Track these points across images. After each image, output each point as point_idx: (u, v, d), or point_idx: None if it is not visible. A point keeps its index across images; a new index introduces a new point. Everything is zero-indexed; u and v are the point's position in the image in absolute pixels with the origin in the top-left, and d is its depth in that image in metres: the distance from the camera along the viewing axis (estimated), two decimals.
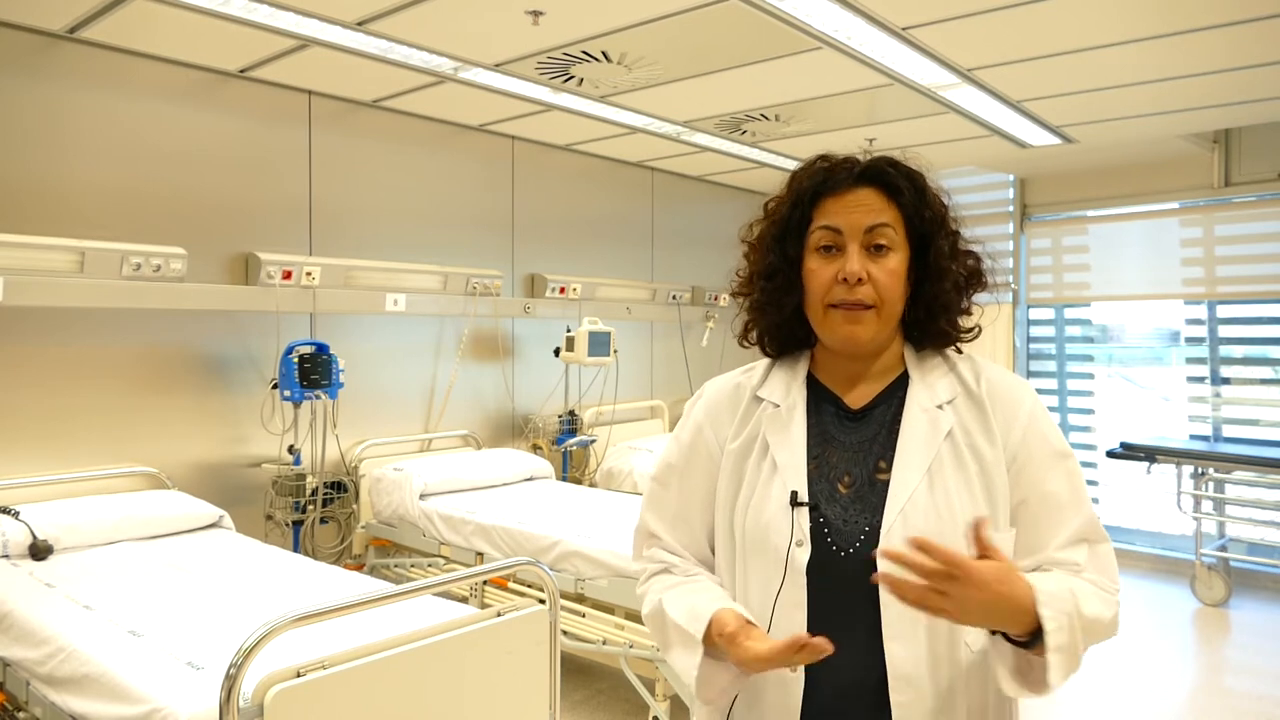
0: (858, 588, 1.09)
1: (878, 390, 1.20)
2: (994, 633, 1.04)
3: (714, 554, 1.26)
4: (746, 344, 1.30)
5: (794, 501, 1.13)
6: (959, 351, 1.23)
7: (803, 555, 1.12)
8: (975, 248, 1.23)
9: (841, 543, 1.12)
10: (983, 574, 0.95)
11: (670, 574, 1.25)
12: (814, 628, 1.10)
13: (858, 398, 1.21)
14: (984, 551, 0.97)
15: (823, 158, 1.21)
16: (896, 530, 1.09)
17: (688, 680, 1.13)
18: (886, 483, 1.13)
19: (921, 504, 1.10)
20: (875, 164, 1.18)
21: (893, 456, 1.14)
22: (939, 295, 1.18)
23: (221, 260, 3.67)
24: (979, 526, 0.98)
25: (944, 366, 1.21)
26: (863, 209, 1.15)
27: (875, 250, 1.15)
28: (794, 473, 1.16)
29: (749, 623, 1.09)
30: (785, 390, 1.23)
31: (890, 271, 1.14)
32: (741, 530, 1.18)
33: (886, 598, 1.07)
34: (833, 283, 1.14)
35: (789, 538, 1.12)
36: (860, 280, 1.13)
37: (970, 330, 1.23)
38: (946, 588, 0.94)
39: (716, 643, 1.09)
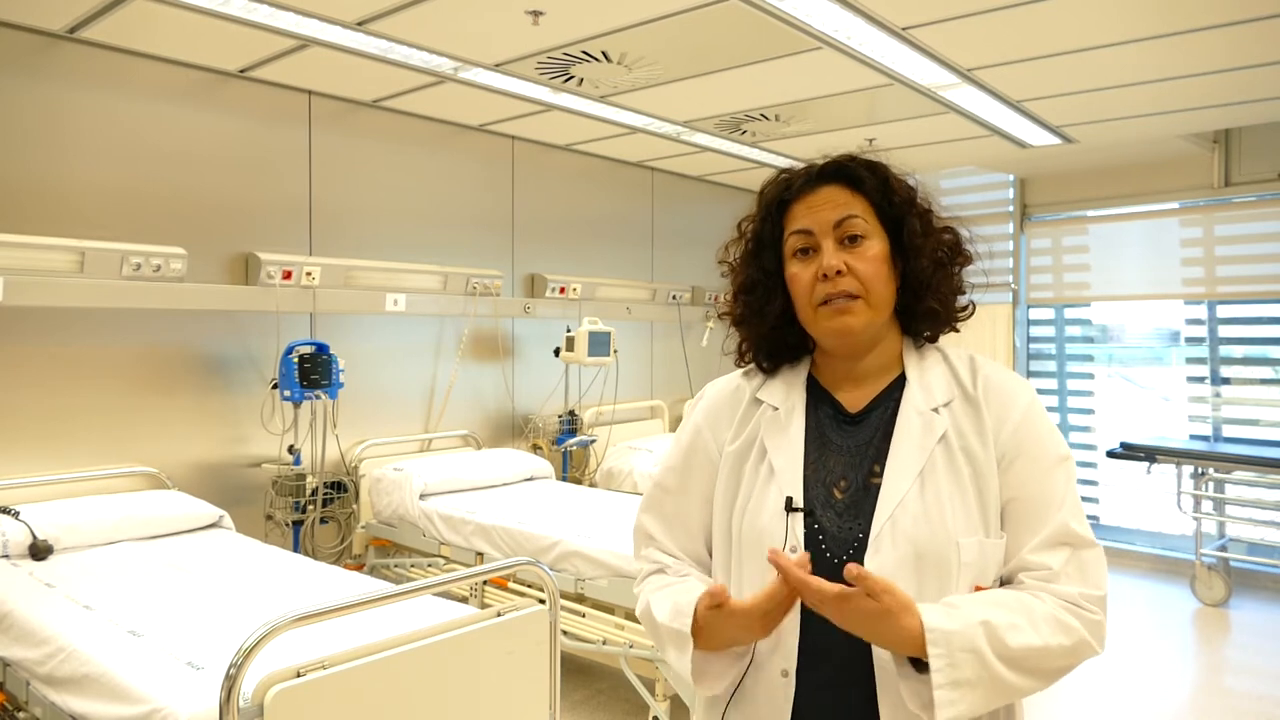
0: None
1: (875, 392, 1.20)
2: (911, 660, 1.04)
3: (711, 556, 1.25)
4: (742, 364, 1.30)
5: (789, 507, 1.13)
6: (955, 330, 1.23)
7: None
8: (952, 224, 1.22)
9: (836, 549, 1.12)
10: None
11: (663, 574, 1.25)
12: (805, 634, 1.11)
13: (856, 400, 1.20)
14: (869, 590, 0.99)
15: (785, 170, 1.23)
16: (886, 536, 1.09)
17: (686, 676, 1.13)
18: (879, 488, 1.12)
19: (912, 510, 1.09)
20: (833, 162, 1.19)
21: (886, 461, 1.14)
22: (919, 273, 1.18)
23: (221, 260, 3.67)
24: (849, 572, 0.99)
25: (942, 366, 1.20)
26: (829, 205, 1.16)
27: (851, 242, 1.15)
28: (790, 477, 1.16)
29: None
30: (785, 393, 1.23)
31: (869, 259, 1.15)
32: (738, 534, 1.18)
33: None
34: (815, 281, 1.15)
35: (783, 544, 1.12)
36: (840, 273, 1.13)
37: (964, 309, 1.23)
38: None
39: (704, 630, 1.10)
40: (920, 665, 1.01)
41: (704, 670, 1.12)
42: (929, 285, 1.18)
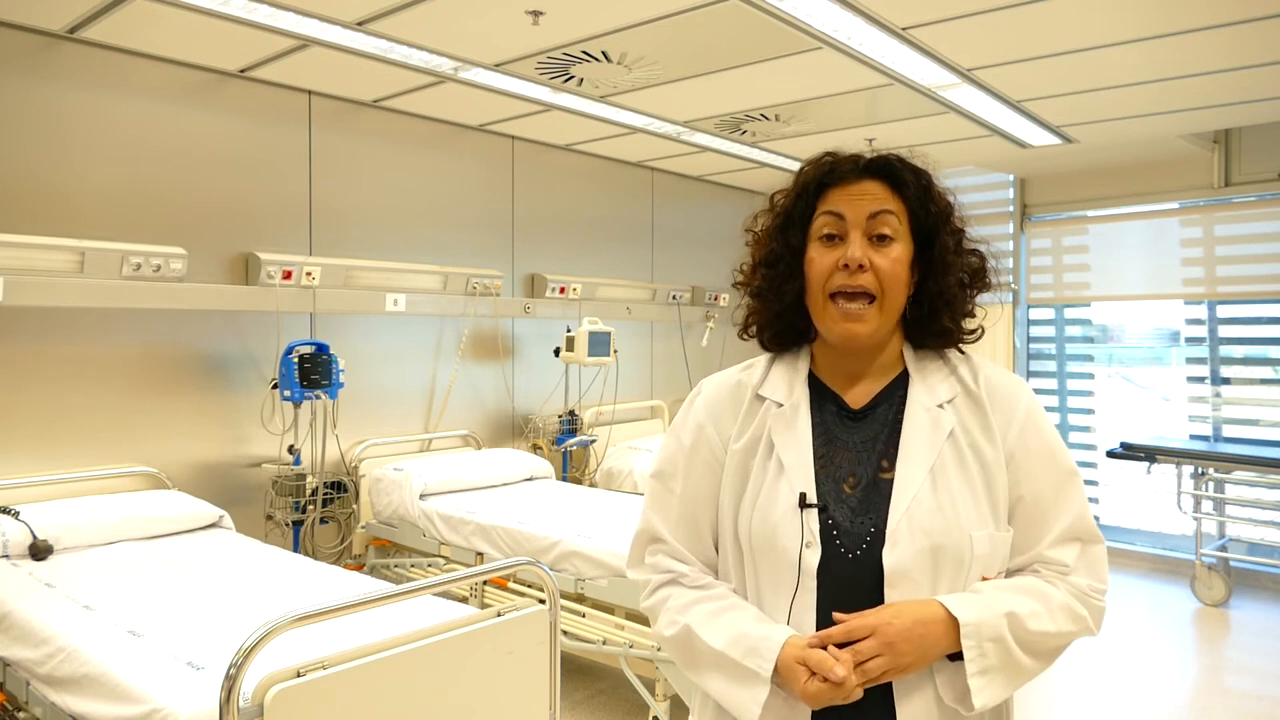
0: (864, 589, 1.10)
1: (878, 389, 1.21)
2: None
3: (718, 554, 1.25)
4: (746, 336, 1.30)
5: (803, 503, 1.13)
6: (961, 353, 1.24)
7: (813, 557, 1.11)
8: (980, 247, 1.23)
9: (849, 544, 1.12)
10: (882, 619, 1.04)
11: (680, 586, 1.21)
12: (821, 629, 1.10)
13: (858, 396, 1.21)
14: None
15: (829, 153, 1.22)
16: (903, 530, 1.09)
17: (742, 715, 1.10)
18: (890, 482, 1.13)
19: (926, 504, 1.10)
20: (881, 157, 1.19)
21: (895, 456, 1.14)
22: (943, 291, 1.18)
23: (221, 260, 3.67)
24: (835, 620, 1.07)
25: (944, 367, 1.21)
26: (867, 197, 1.16)
27: (878, 240, 1.15)
28: (801, 473, 1.15)
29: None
30: (788, 389, 1.22)
31: (893, 260, 1.14)
32: (748, 531, 1.16)
33: (890, 598, 1.09)
34: (833, 269, 1.15)
35: (799, 540, 1.11)
36: (862, 267, 1.13)
37: (973, 331, 1.23)
38: (869, 652, 1.04)
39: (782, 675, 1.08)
40: (952, 654, 1.06)
41: (773, 712, 1.09)
42: (949, 304, 1.19)
